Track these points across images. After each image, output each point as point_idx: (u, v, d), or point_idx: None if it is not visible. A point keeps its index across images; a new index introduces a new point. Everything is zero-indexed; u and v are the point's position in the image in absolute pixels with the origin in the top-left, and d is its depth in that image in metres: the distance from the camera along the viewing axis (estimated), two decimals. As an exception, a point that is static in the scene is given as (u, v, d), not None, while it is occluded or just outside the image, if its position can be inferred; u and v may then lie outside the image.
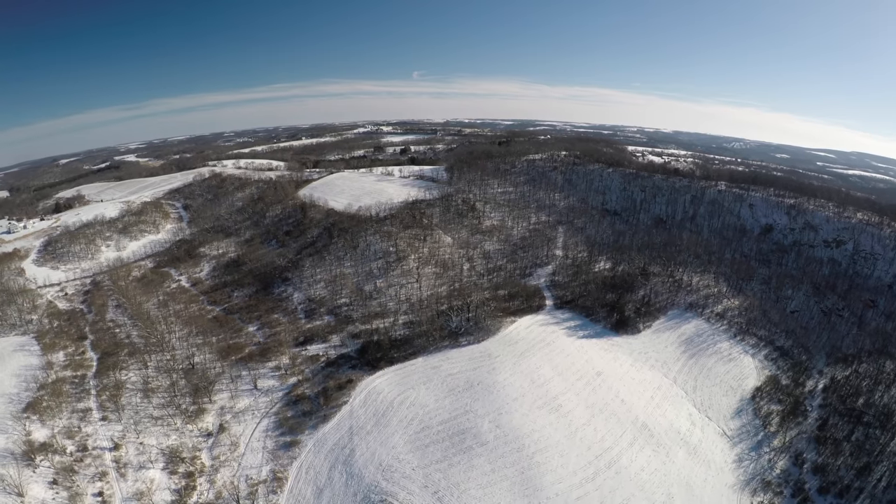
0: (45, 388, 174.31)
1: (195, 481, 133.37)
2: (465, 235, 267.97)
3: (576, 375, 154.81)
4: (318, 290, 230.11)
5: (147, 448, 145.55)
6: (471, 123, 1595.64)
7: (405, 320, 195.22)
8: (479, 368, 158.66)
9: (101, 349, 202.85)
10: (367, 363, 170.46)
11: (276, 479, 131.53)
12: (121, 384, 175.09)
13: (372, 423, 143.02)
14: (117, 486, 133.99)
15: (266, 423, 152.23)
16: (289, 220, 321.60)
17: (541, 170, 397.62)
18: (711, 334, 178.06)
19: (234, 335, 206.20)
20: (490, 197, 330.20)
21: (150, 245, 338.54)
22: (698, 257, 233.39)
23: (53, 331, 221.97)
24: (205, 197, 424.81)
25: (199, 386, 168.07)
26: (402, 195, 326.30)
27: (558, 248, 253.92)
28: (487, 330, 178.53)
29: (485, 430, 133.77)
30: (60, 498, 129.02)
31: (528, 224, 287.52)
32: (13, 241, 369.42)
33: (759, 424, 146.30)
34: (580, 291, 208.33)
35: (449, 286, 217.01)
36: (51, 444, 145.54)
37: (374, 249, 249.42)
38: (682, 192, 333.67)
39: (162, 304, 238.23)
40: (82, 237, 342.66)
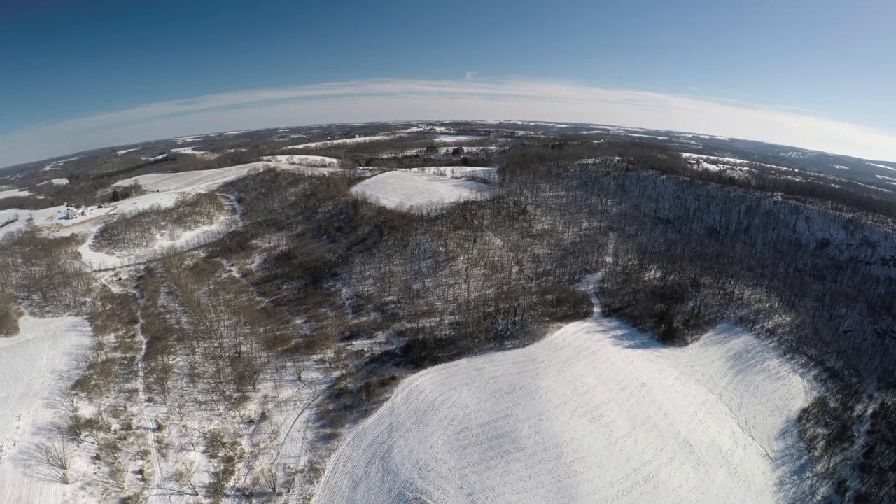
0: (95, 368, 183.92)
1: (234, 466, 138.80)
2: (515, 238, 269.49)
3: (619, 385, 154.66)
4: (367, 287, 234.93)
5: (189, 431, 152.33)
6: (524, 125, 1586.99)
7: (451, 320, 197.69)
8: (522, 373, 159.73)
9: (150, 333, 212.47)
10: (411, 361, 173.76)
11: (314, 469, 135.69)
12: (168, 368, 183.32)
13: (412, 421, 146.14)
14: (158, 465, 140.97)
15: (307, 414, 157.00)
16: (340, 216, 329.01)
17: (593, 174, 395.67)
18: (760, 351, 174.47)
19: (282, 327, 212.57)
20: (541, 200, 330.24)
21: (203, 235, 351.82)
22: (751, 270, 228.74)
23: (106, 313, 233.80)
24: (258, 190, 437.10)
25: (245, 374, 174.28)
26: (454, 195, 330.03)
27: (609, 255, 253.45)
28: (533, 334, 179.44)
29: (524, 436, 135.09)
30: (102, 473, 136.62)
31: (579, 229, 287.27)
32: (71, 226, 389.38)
33: (804, 447, 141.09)
34: (629, 300, 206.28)
35: (497, 288, 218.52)
36: (96, 421, 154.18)
37: (424, 249, 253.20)
38: (737, 201, 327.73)
39: (212, 293, 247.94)
40: (138, 225, 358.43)
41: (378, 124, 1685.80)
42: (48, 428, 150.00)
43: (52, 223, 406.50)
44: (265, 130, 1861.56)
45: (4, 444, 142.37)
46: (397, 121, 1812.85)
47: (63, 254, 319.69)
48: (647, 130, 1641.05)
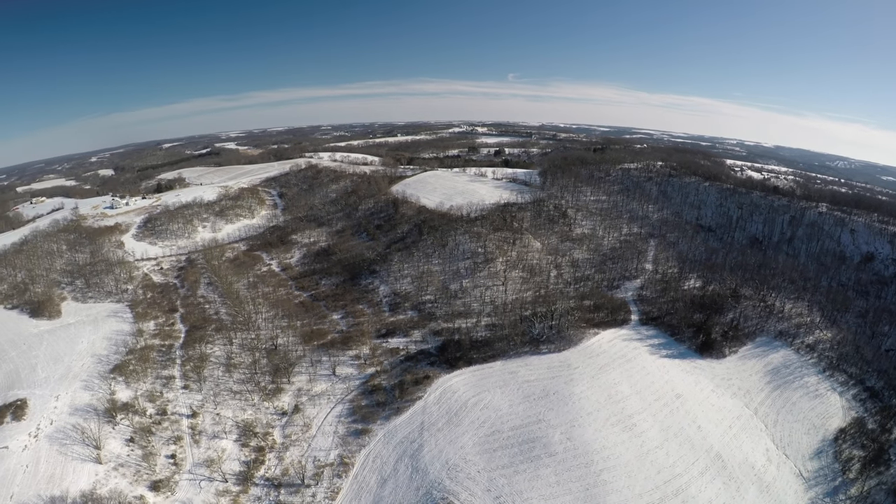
0: (134, 353, 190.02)
1: (264, 456, 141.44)
2: (554, 242, 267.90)
3: (654, 395, 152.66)
4: (405, 285, 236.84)
5: (223, 419, 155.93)
6: (566, 128, 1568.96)
7: (488, 322, 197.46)
8: (556, 378, 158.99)
9: (189, 322, 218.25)
10: (446, 361, 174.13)
11: (343, 463, 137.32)
12: (205, 357, 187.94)
13: (444, 421, 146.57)
14: (190, 451, 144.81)
15: (340, 408, 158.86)
16: (380, 214, 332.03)
17: (635, 179, 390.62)
18: (799, 367, 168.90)
19: (319, 321, 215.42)
20: (582, 204, 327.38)
21: (244, 229, 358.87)
22: (793, 283, 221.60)
23: (146, 301, 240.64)
24: (300, 186, 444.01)
25: (280, 366, 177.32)
26: (494, 197, 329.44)
27: (648, 262, 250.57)
28: (569, 340, 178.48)
29: (555, 441, 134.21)
30: (135, 455, 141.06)
31: (620, 235, 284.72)
32: (115, 215, 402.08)
33: (838, 469, 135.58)
34: (667, 309, 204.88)
35: (534, 292, 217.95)
36: (132, 405, 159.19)
37: (463, 249, 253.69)
38: (781, 211, 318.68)
39: (251, 286, 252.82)
40: (180, 217, 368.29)
41: (420, 124, 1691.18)
42: (85, 409, 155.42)
43: (96, 212, 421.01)
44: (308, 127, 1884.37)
45: (42, 423, 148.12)
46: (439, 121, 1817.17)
47: (107, 242, 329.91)
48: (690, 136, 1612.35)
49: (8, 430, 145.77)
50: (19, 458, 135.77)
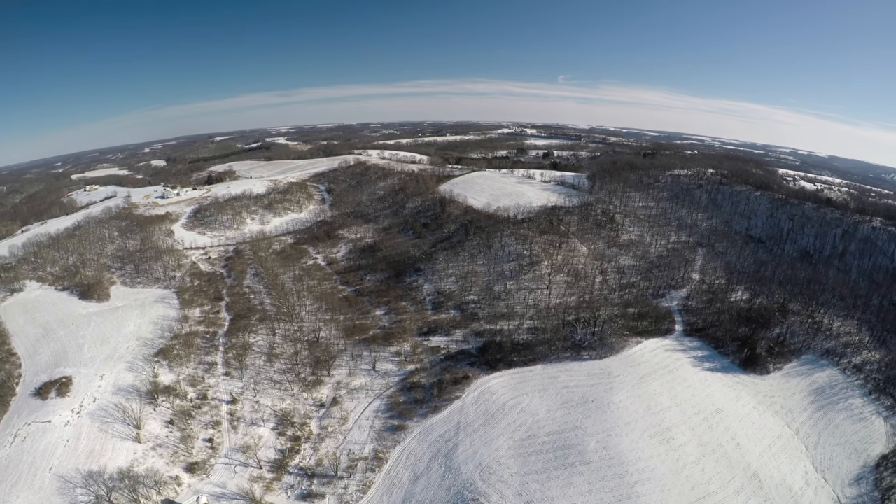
0: (178, 339, 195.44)
1: (300, 446, 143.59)
2: (601, 247, 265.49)
3: (694, 409, 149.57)
4: (449, 284, 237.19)
5: (261, 407, 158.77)
6: (616, 132, 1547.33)
7: (530, 325, 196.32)
8: (596, 385, 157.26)
9: (234, 311, 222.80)
10: (486, 362, 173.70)
11: (377, 458, 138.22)
12: (248, 346, 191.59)
13: (480, 422, 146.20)
14: (227, 436, 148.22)
15: (378, 404, 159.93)
16: (427, 212, 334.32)
17: (685, 186, 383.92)
18: (845, 388, 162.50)
19: (361, 316, 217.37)
20: (630, 210, 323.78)
21: (292, 222, 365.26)
22: (843, 300, 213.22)
23: (193, 289, 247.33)
24: (348, 183, 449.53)
25: (321, 359, 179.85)
26: (542, 199, 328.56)
27: (695, 272, 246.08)
28: (611, 347, 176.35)
29: (590, 450, 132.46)
30: (173, 437, 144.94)
31: (667, 242, 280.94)
32: (166, 205, 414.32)
33: (878, 497, 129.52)
34: (712, 320, 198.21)
35: (578, 297, 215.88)
36: (174, 388, 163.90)
37: (509, 251, 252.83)
38: (833, 224, 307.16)
39: (297, 279, 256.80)
40: (230, 208, 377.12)
41: (469, 124, 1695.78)
42: (128, 390, 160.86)
43: (148, 201, 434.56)
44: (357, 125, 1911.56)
45: (85, 401, 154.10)
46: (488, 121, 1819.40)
47: (157, 230, 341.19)
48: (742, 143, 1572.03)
49: (52, 405, 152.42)
50: (61, 433, 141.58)
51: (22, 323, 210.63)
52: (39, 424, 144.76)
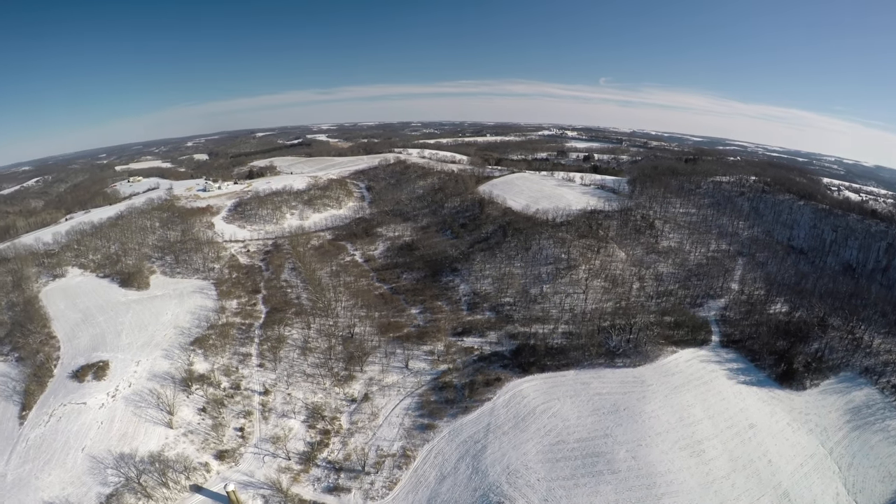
0: (215, 329, 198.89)
1: (329, 439, 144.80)
2: (639, 253, 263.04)
3: (727, 423, 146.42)
4: (485, 286, 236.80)
5: (293, 400, 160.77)
6: (657, 136, 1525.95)
7: (564, 330, 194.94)
8: (629, 394, 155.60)
9: (271, 304, 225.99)
10: (519, 365, 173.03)
11: (405, 455, 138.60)
12: (283, 338, 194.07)
13: (510, 425, 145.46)
14: (258, 426, 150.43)
15: (409, 401, 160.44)
16: (466, 213, 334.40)
17: (727, 194, 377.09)
18: (882, 408, 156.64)
19: (397, 314, 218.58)
20: (670, 216, 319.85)
21: (330, 219, 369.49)
22: (885, 316, 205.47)
23: (231, 281, 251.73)
24: (387, 181, 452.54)
25: (354, 355, 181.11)
26: (581, 203, 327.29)
27: (734, 282, 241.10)
28: (646, 355, 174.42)
29: (619, 459, 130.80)
30: (205, 425, 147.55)
31: (707, 250, 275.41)
32: (207, 198, 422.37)
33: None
34: (750, 332, 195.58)
35: (615, 303, 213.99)
36: (208, 377, 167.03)
37: (546, 254, 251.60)
38: (878, 237, 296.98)
39: (334, 274, 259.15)
40: (270, 203, 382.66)
41: (509, 125, 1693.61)
42: (163, 376, 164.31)
43: (190, 194, 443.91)
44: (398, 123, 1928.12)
45: (121, 385, 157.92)
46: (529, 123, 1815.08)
47: (197, 222, 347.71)
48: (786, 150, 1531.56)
49: (88, 387, 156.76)
50: (95, 415, 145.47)
51: (63, 307, 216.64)
52: (75, 406, 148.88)
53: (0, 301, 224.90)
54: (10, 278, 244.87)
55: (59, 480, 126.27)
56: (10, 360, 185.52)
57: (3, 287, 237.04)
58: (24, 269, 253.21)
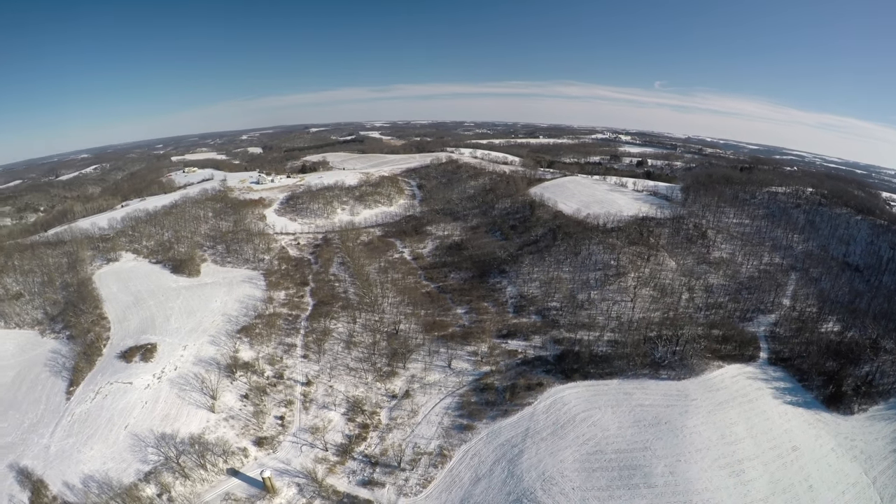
0: (262, 318, 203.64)
1: (367, 433, 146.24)
2: (690, 263, 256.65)
3: (770, 444, 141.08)
4: (532, 289, 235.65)
5: (334, 392, 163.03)
6: (712, 143, 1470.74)
7: (610, 338, 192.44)
8: (671, 407, 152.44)
9: (318, 297, 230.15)
10: (562, 371, 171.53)
11: (442, 454, 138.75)
12: (328, 331, 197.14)
13: (549, 431, 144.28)
14: (298, 415, 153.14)
15: (449, 401, 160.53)
16: (516, 214, 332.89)
17: (782, 205, 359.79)
18: None
19: (442, 313, 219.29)
20: (723, 226, 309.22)
21: (381, 215, 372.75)
22: None
23: (280, 272, 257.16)
24: (439, 180, 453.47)
25: (398, 351, 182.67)
26: (633, 209, 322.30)
27: (786, 297, 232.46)
28: (691, 368, 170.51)
29: (657, 473, 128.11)
30: (246, 411, 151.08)
31: (759, 263, 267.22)
32: (260, 190, 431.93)
33: None
34: (799, 351, 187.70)
35: (663, 313, 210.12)
36: (253, 365, 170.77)
37: (595, 260, 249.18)
38: None
39: (382, 271, 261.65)
40: (321, 198, 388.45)
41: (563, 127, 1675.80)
42: (208, 361, 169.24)
43: (243, 186, 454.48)
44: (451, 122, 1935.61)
45: (167, 367, 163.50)
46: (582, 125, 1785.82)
47: (250, 214, 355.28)
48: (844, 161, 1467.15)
49: (135, 368, 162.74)
50: (140, 395, 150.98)
51: (115, 290, 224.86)
52: (121, 385, 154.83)
53: (55, 281, 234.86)
54: (66, 260, 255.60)
55: (101, 455, 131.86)
56: (62, 338, 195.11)
57: (59, 268, 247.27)
58: (80, 252, 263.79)
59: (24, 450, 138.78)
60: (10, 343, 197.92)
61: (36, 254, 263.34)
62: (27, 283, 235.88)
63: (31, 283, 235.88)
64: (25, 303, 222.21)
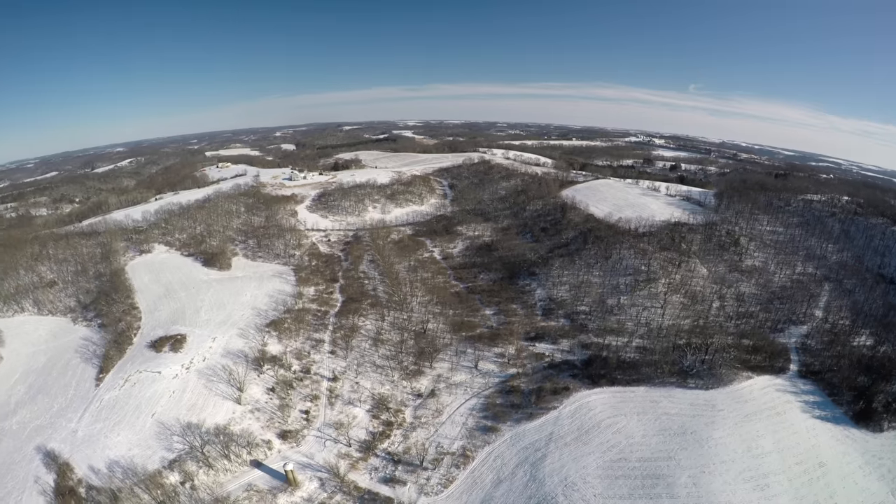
0: (291, 313, 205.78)
1: (391, 431, 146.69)
2: (721, 270, 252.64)
3: (796, 459, 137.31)
4: (561, 292, 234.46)
5: (360, 389, 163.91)
6: (747, 148, 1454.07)
7: (638, 344, 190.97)
8: (698, 417, 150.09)
9: (347, 294, 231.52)
10: (589, 376, 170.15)
11: (464, 455, 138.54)
12: (356, 328, 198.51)
13: (573, 436, 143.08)
14: (323, 410, 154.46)
15: (474, 402, 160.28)
16: (547, 217, 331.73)
17: (817, 214, 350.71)
18: None
19: (471, 314, 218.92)
20: (757, 234, 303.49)
21: (412, 214, 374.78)
22: None
23: (310, 268, 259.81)
24: (471, 180, 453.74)
25: (425, 350, 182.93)
26: (665, 214, 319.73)
27: (819, 309, 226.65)
28: (719, 378, 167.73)
29: (680, 483, 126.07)
30: (272, 404, 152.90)
31: (792, 273, 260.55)
32: (293, 187, 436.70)
33: None
34: (830, 364, 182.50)
35: (692, 321, 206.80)
36: (280, 359, 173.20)
37: (626, 265, 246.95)
38: None
39: (411, 269, 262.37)
40: (353, 195, 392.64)
41: (596, 129, 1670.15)
42: (236, 354, 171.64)
43: (275, 182, 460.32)
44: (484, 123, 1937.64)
45: (195, 358, 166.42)
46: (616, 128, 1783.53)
47: (281, 210, 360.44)
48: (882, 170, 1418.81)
49: (164, 358, 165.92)
50: (168, 384, 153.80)
51: (147, 281, 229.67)
52: (150, 374, 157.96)
53: (88, 270, 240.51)
54: (100, 250, 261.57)
55: (127, 441, 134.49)
56: (94, 326, 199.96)
57: (92, 258, 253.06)
58: (113, 243, 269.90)
59: (52, 433, 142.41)
60: (43, 329, 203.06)
61: (70, 243, 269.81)
62: (61, 271, 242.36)
63: (65, 271, 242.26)
64: (59, 291, 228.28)
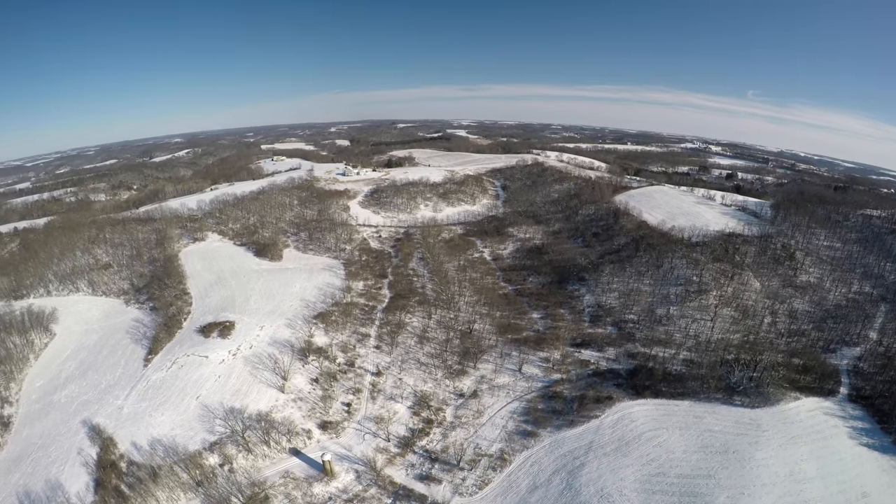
0: (339, 306, 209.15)
1: (431, 429, 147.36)
2: (775, 285, 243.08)
3: (838, 487, 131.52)
4: (610, 299, 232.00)
5: (403, 385, 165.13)
6: (806, 158, 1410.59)
7: (686, 357, 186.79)
8: (741, 436, 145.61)
9: (395, 290, 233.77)
10: (633, 387, 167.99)
11: (502, 458, 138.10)
12: (402, 325, 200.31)
13: (612, 447, 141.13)
14: (365, 404, 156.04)
15: (515, 405, 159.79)
16: (599, 222, 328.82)
17: (877, 230, 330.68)
18: None
19: (517, 317, 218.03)
20: (813, 248, 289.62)
21: (463, 214, 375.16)
22: None
23: (360, 263, 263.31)
24: (523, 182, 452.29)
25: (470, 351, 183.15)
26: (719, 224, 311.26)
27: (874, 330, 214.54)
28: (766, 397, 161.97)
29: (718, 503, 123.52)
30: (314, 395, 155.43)
31: (848, 291, 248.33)
32: (346, 182, 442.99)
33: None
34: (882, 390, 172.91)
35: (743, 336, 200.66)
36: (326, 350, 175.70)
37: (677, 274, 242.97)
38: None
39: (460, 269, 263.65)
40: (405, 192, 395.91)
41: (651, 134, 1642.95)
42: (283, 343, 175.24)
43: (329, 176, 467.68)
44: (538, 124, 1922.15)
45: (242, 345, 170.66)
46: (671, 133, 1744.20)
47: (334, 204, 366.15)
48: None
49: (212, 343, 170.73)
50: (215, 369, 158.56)
51: (199, 268, 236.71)
52: (197, 358, 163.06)
53: (143, 255, 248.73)
54: (155, 236, 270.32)
55: (170, 421, 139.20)
56: (145, 308, 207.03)
57: (147, 243, 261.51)
58: (168, 230, 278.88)
59: (98, 408, 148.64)
60: (97, 310, 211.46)
61: (126, 229, 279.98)
62: (117, 255, 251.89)
63: (121, 255, 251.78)
64: (113, 273, 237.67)
